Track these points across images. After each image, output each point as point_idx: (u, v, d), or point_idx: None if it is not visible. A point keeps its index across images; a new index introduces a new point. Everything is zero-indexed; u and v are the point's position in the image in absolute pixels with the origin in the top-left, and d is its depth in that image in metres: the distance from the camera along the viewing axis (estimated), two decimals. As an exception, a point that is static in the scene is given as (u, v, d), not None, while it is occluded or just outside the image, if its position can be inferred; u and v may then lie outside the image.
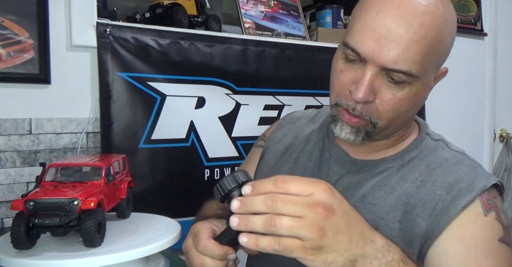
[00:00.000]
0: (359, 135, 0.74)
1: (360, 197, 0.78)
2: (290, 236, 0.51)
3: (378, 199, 0.76)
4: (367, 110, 0.71)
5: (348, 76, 0.72)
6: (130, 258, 0.78)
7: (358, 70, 0.70)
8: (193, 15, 1.50)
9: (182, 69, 1.41)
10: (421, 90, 0.72)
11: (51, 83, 1.24)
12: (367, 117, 0.71)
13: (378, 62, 0.67)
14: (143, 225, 0.95)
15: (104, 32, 1.27)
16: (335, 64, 0.75)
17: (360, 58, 0.69)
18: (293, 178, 0.53)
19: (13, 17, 1.18)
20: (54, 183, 0.84)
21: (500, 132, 2.38)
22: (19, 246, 0.76)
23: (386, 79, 0.69)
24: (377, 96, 0.70)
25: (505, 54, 2.34)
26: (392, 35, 0.66)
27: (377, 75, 0.68)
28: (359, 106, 0.71)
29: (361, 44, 0.68)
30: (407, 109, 0.72)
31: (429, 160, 0.78)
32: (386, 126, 0.73)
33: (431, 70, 0.72)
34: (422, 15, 0.66)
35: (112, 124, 1.29)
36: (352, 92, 0.70)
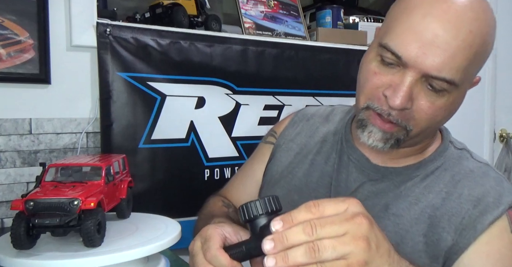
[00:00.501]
0: (388, 143, 0.70)
1: (383, 207, 0.74)
2: (334, 259, 0.47)
3: (402, 210, 0.73)
4: (403, 117, 0.67)
5: (383, 79, 0.67)
6: (130, 258, 0.78)
7: (396, 74, 0.66)
8: (193, 15, 1.50)
9: (182, 69, 1.41)
10: (458, 99, 0.69)
11: (51, 83, 1.24)
12: (403, 124, 0.67)
13: (421, 68, 0.63)
14: (143, 225, 0.95)
15: (104, 32, 1.27)
16: (368, 66, 0.70)
17: (401, 62, 0.65)
18: (324, 200, 0.50)
19: (13, 17, 1.18)
20: (54, 183, 0.84)
21: (500, 132, 2.38)
22: (19, 246, 0.76)
23: (425, 86, 0.65)
24: (414, 103, 0.66)
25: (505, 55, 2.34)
26: (439, 41, 0.62)
27: (417, 81, 0.65)
28: (394, 112, 0.67)
29: (404, 48, 0.64)
30: (442, 118, 0.69)
31: (454, 170, 0.75)
32: (418, 134, 0.70)
33: (471, 79, 0.69)
34: (471, 21, 0.63)
35: (112, 124, 1.29)
36: (389, 97, 0.66)
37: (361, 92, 0.71)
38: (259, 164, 0.94)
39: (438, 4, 0.63)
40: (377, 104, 0.68)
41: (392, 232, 0.72)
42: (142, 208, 1.07)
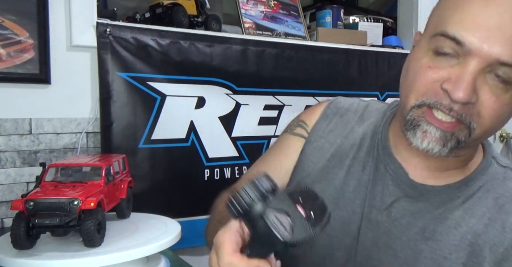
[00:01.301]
0: (447, 145, 0.61)
1: (420, 230, 0.67)
2: None
3: (440, 235, 0.66)
4: (467, 112, 0.59)
5: (440, 73, 0.60)
6: (130, 258, 0.78)
7: (455, 66, 0.59)
8: (193, 15, 1.50)
9: (182, 69, 1.41)
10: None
11: (51, 83, 1.24)
12: (467, 120, 0.59)
13: (487, 55, 0.57)
14: (143, 225, 0.95)
15: (104, 32, 1.27)
16: (418, 62, 0.63)
17: (462, 51, 0.58)
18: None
19: (13, 17, 1.18)
20: (54, 183, 0.84)
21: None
22: (19, 246, 0.76)
23: (490, 78, 0.58)
24: (479, 97, 0.59)
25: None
26: (507, 26, 0.57)
27: (480, 72, 0.58)
28: (457, 106, 0.58)
29: (468, 33, 0.57)
30: (504, 118, 0.62)
31: (498, 192, 0.68)
32: (479, 136, 0.62)
33: None
34: None
35: (112, 124, 1.29)
36: (450, 90, 0.58)
37: (410, 90, 0.63)
38: (288, 158, 0.81)
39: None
40: (435, 98, 0.60)
41: (429, 258, 0.66)
42: (142, 208, 1.07)
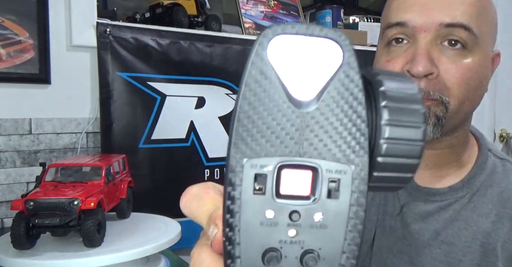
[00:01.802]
0: (428, 123, 0.61)
1: (434, 234, 0.68)
2: None
3: (452, 237, 0.66)
4: (434, 87, 0.60)
5: (399, 61, 0.62)
6: (130, 258, 0.78)
7: (409, 49, 0.61)
8: (193, 15, 1.50)
9: (182, 69, 1.41)
10: (484, 62, 0.63)
11: (51, 83, 1.24)
12: (437, 95, 0.60)
13: (432, 22, 0.59)
14: (143, 225, 0.95)
15: (104, 32, 1.27)
16: (379, 61, 0.66)
17: (409, 32, 0.60)
18: None
19: (13, 17, 1.18)
20: (54, 183, 0.84)
21: (500, 132, 2.38)
22: (19, 246, 0.76)
23: (445, 48, 0.60)
24: (439, 69, 0.59)
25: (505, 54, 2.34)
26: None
27: (432, 43, 0.60)
28: (423, 83, 0.59)
29: (407, 13, 0.60)
30: (475, 85, 0.62)
31: (501, 186, 0.68)
32: (457, 109, 0.62)
33: (487, 37, 0.64)
34: None
35: (112, 124, 1.29)
36: (410, 69, 0.59)
37: None
38: None
39: None
40: None
41: (444, 262, 0.66)
42: (142, 208, 1.07)
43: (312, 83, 0.23)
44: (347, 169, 0.23)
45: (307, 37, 0.23)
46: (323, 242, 0.24)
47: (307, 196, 0.23)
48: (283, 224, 0.23)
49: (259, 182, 0.23)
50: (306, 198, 0.23)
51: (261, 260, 0.23)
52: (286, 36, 0.23)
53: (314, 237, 0.23)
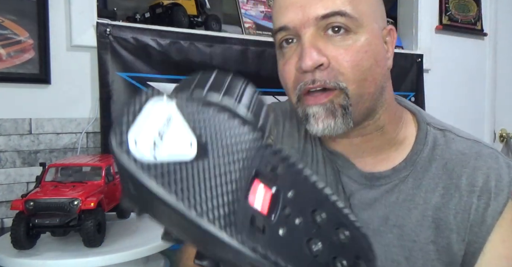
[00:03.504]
0: (337, 116, 0.61)
1: (383, 219, 0.67)
2: None
3: (403, 219, 0.66)
4: (328, 76, 0.60)
5: (292, 62, 0.64)
6: (130, 258, 0.78)
7: (298, 47, 0.63)
8: (193, 15, 1.50)
9: (182, 69, 1.40)
10: (373, 40, 0.62)
11: (51, 83, 1.24)
12: (333, 83, 0.60)
13: (308, 18, 0.60)
14: (143, 225, 0.95)
15: (104, 32, 1.27)
16: (279, 67, 0.67)
17: (292, 32, 0.63)
18: None
19: (13, 17, 1.18)
20: (54, 183, 0.84)
21: (500, 132, 2.38)
22: (19, 246, 0.76)
23: (329, 37, 0.61)
24: (330, 57, 0.61)
25: (505, 54, 2.34)
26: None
27: (316, 35, 0.61)
28: (317, 74, 0.60)
29: (285, 16, 0.62)
30: (369, 64, 0.62)
31: (444, 158, 0.67)
32: (359, 93, 0.62)
33: (370, 15, 0.63)
34: None
35: (112, 124, 1.29)
36: (300, 65, 0.61)
37: (288, 92, 0.66)
38: None
39: None
40: (299, 82, 0.62)
41: (398, 246, 0.66)
42: (142, 208, 1.07)
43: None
44: None
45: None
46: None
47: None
48: None
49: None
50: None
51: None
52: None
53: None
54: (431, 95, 2.02)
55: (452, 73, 2.16)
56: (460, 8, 2.15)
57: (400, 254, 0.65)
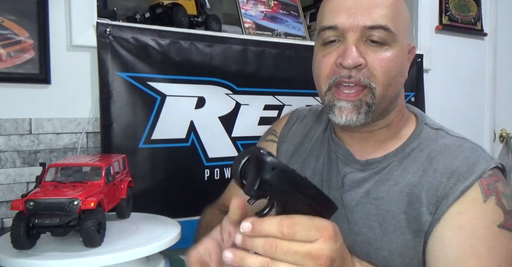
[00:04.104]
0: (360, 112, 0.73)
1: (365, 193, 0.78)
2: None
3: (382, 193, 0.77)
4: (363, 75, 0.72)
5: (332, 56, 0.74)
6: (130, 258, 0.78)
7: (341, 46, 0.74)
8: (193, 15, 1.50)
9: (182, 69, 1.40)
10: (401, 54, 0.76)
11: (51, 83, 1.24)
12: (366, 81, 0.72)
13: (357, 25, 0.72)
14: (143, 225, 0.95)
15: (104, 32, 1.27)
16: (316, 58, 0.78)
17: (339, 33, 0.73)
18: (299, 222, 0.49)
19: (13, 17, 1.18)
20: (54, 183, 0.84)
21: (500, 132, 2.38)
22: (19, 246, 0.76)
23: (369, 44, 0.73)
24: (367, 60, 0.72)
25: (505, 54, 2.34)
26: (361, 1, 0.73)
27: (359, 41, 0.73)
28: (353, 72, 0.72)
29: (337, 18, 0.73)
30: (396, 73, 0.74)
31: (430, 149, 0.78)
32: (383, 94, 0.74)
33: (403, 33, 0.76)
34: None
35: (112, 124, 1.29)
36: (342, 62, 0.72)
37: (320, 80, 0.77)
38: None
39: None
40: (336, 75, 0.74)
41: (375, 214, 0.77)
42: (142, 208, 1.07)
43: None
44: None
45: None
46: None
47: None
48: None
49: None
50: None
51: None
52: None
53: None
54: (431, 95, 2.02)
55: (452, 73, 2.16)
56: (460, 8, 2.15)
57: (376, 221, 0.76)
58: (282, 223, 0.49)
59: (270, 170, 0.47)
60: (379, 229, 0.76)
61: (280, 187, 0.48)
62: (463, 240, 0.68)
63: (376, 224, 0.76)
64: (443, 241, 0.69)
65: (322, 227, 0.50)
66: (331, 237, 0.50)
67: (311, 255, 0.49)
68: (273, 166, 0.47)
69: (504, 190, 0.72)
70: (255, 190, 0.48)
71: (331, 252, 0.50)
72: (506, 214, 0.69)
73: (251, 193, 0.48)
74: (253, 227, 0.49)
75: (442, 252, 0.69)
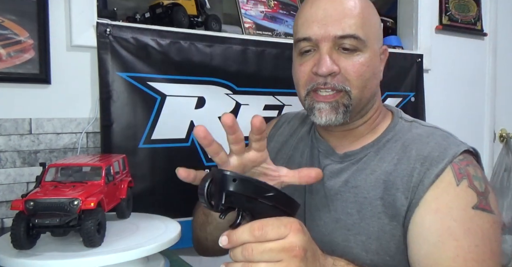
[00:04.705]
0: (339, 112, 0.80)
1: (343, 182, 0.84)
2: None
3: (359, 182, 0.82)
4: (337, 81, 0.79)
5: (308, 64, 0.81)
6: (130, 258, 0.78)
7: (315, 55, 0.81)
8: (193, 15, 1.50)
9: (182, 69, 1.40)
10: (373, 58, 0.82)
11: (51, 83, 1.24)
12: (340, 86, 0.79)
13: (329, 35, 0.78)
14: (143, 225, 0.95)
15: (104, 32, 1.27)
16: (294, 66, 0.86)
17: (313, 43, 0.80)
18: (267, 223, 0.54)
19: (13, 17, 1.18)
20: (54, 183, 0.84)
21: (500, 132, 2.38)
22: (19, 246, 0.76)
23: (341, 52, 0.79)
24: (340, 67, 0.79)
25: (505, 54, 2.34)
26: (331, 12, 0.79)
27: (332, 49, 0.79)
28: (329, 79, 0.79)
29: (310, 29, 0.80)
30: (369, 75, 0.81)
31: (404, 138, 0.83)
32: (359, 96, 0.81)
33: (373, 39, 0.82)
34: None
35: (112, 124, 1.29)
36: (317, 70, 0.79)
37: (299, 86, 0.85)
38: None
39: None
40: (313, 82, 0.81)
41: (353, 202, 0.82)
42: (142, 208, 1.07)
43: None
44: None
45: None
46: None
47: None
48: None
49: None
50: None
51: None
52: None
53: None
54: (431, 95, 2.01)
55: (452, 73, 2.16)
56: (460, 8, 2.15)
57: (354, 208, 0.81)
58: (252, 228, 0.54)
59: (232, 181, 0.53)
60: (357, 215, 0.81)
61: (244, 195, 0.53)
62: (441, 223, 0.72)
63: (354, 211, 0.81)
64: (423, 226, 0.73)
65: (289, 223, 0.55)
66: (300, 230, 0.55)
67: (285, 249, 0.54)
68: (234, 177, 0.53)
69: (475, 173, 0.76)
70: (223, 204, 0.53)
71: (302, 243, 0.55)
72: (479, 195, 0.74)
73: (220, 208, 0.54)
74: (229, 239, 0.55)
75: (421, 236, 0.73)
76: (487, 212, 0.73)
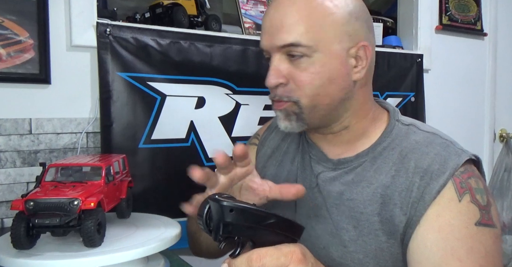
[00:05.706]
0: (292, 120, 0.78)
1: (338, 194, 0.79)
2: None
3: (355, 194, 0.78)
4: (285, 93, 0.77)
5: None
6: (130, 258, 0.78)
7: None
8: (193, 15, 1.50)
9: (182, 69, 1.40)
10: (327, 61, 0.75)
11: (51, 83, 1.24)
12: (286, 98, 0.77)
13: (274, 45, 0.75)
14: (143, 225, 0.95)
15: (104, 32, 1.27)
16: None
17: (268, 53, 0.78)
18: (266, 254, 0.52)
19: (13, 17, 1.18)
20: (54, 183, 0.84)
21: (500, 132, 2.38)
22: (19, 246, 0.76)
23: (289, 61, 0.76)
24: (290, 78, 0.76)
25: (505, 54, 2.34)
26: (275, 22, 0.75)
27: (280, 59, 0.76)
28: (278, 91, 0.77)
29: (262, 41, 0.79)
30: (321, 83, 0.75)
31: (401, 146, 0.78)
32: (312, 104, 0.76)
33: (329, 41, 0.75)
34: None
35: (112, 124, 1.29)
36: (265, 83, 0.78)
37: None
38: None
39: (273, 1, 0.79)
40: (271, 94, 0.80)
41: (349, 216, 0.77)
42: (142, 208, 1.07)
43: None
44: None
45: None
46: None
47: None
48: None
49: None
50: None
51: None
52: None
53: None
54: (431, 95, 2.02)
55: (452, 73, 2.16)
56: (460, 8, 2.15)
57: (350, 223, 0.77)
58: (250, 259, 0.52)
59: (229, 212, 0.51)
60: (353, 232, 0.76)
61: (242, 225, 0.52)
62: (444, 242, 0.69)
63: (350, 227, 0.77)
64: (425, 245, 0.70)
65: (290, 252, 0.53)
66: (301, 260, 0.53)
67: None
68: (231, 208, 0.51)
69: (477, 185, 0.73)
70: (221, 235, 0.52)
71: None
72: (482, 209, 0.71)
73: (219, 238, 0.52)
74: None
75: (424, 256, 0.70)
76: (490, 227, 0.70)
